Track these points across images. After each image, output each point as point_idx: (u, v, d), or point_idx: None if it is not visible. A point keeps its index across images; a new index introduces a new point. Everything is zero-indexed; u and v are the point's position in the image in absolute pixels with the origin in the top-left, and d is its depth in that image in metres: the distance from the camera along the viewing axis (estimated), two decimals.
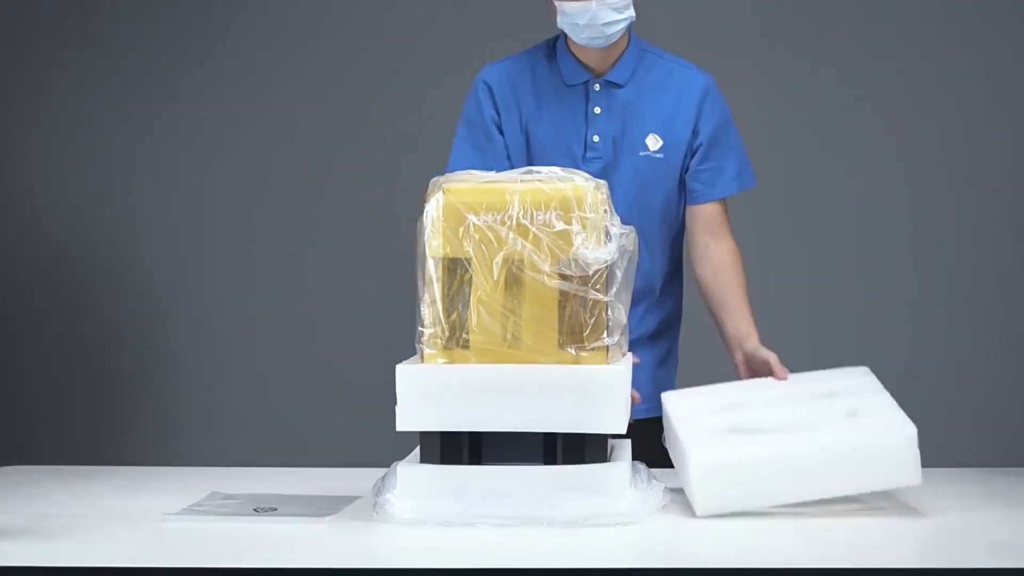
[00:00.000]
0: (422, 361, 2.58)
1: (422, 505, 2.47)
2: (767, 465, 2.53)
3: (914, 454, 2.54)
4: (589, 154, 3.14)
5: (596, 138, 3.14)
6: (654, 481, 2.58)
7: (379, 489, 2.53)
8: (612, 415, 2.50)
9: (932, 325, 5.00)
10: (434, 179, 2.61)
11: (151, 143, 5.16)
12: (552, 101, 3.17)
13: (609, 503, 2.46)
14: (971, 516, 2.57)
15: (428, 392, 2.51)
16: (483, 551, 2.31)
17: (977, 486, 2.89)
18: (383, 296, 4.54)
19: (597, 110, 3.15)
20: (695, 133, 3.18)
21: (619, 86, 3.16)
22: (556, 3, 3.08)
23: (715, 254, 3.24)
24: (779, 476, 2.52)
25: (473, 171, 2.67)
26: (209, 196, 5.15)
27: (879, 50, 5.04)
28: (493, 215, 2.56)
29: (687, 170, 3.20)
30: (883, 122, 5.04)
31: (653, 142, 3.16)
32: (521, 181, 2.57)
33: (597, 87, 3.16)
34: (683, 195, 3.22)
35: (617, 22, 3.07)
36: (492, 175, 2.64)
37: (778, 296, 5.04)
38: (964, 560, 2.28)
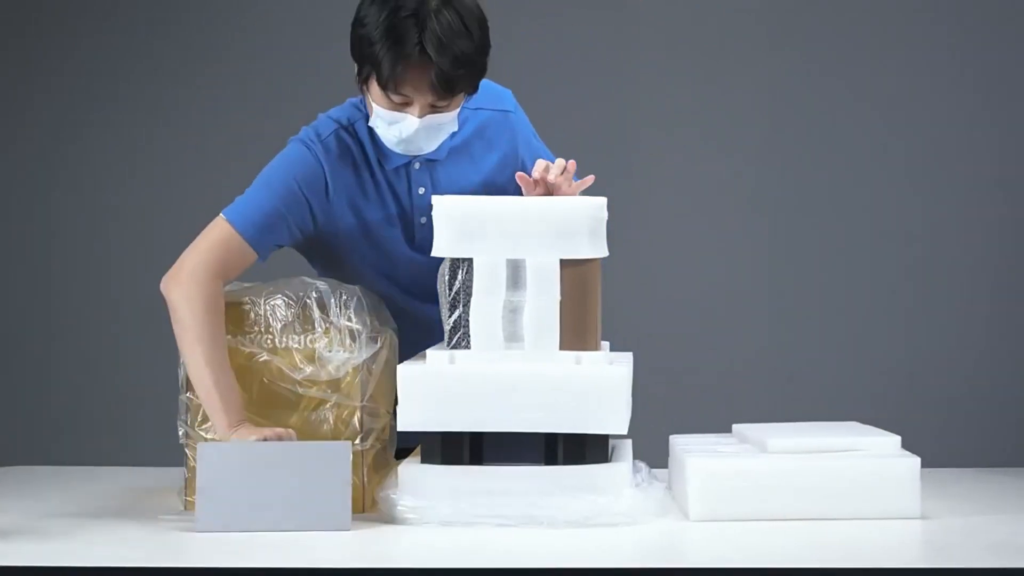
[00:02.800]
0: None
1: (422, 505, 2.47)
2: (765, 478, 2.52)
3: (915, 486, 2.53)
4: (419, 236, 2.86)
5: (423, 220, 2.86)
6: (655, 481, 2.58)
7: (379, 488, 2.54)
8: (613, 415, 2.50)
9: (931, 325, 5.00)
10: None
11: (147, 144, 5.16)
12: (372, 188, 2.86)
13: (610, 503, 2.46)
14: (971, 516, 2.57)
15: (429, 392, 2.52)
16: (483, 551, 2.32)
17: (977, 486, 2.89)
18: None
19: (421, 191, 2.86)
20: (520, 160, 2.93)
21: (437, 160, 2.85)
22: (373, 103, 2.73)
23: None
24: (776, 492, 2.51)
25: (235, 285, 2.69)
26: (207, 196, 5.15)
27: (879, 51, 5.04)
28: (244, 333, 2.64)
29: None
30: (881, 123, 5.03)
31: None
32: (266, 294, 2.65)
33: (417, 166, 2.85)
34: None
35: (442, 134, 2.77)
36: (241, 287, 2.69)
37: (778, 296, 5.04)
38: (964, 560, 2.28)
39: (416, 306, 2.89)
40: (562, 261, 2.58)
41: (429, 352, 2.63)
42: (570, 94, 4.98)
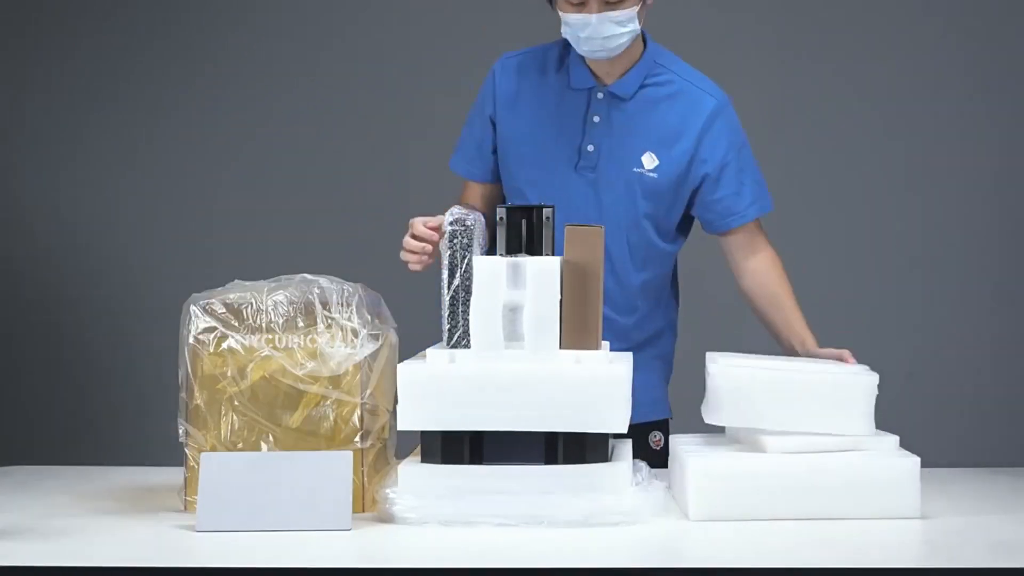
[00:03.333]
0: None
1: (423, 504, 2.47)
2: (765, 479, 2.52)
3: (915, 487, 2.53)
4: (582, 163, 3.08)
5: (591, 148, 3.07)
6: (655, 481, 2.58)
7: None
8: (613, 414, 2.51)
9: (932, 325, 5.00)
10: (193, 296, 2.69)
11: (148, 144, 5.16)
12: (553, 102, 3.11)
13: (610, 503, 2.46)
14: (971, 516, 2.57)
15: (429, 392, 2.52)
16: (483, 551, 2.32)
17: (977, 486, 2.89)
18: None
19: (596, 119, 3.08)
20: (699, 160, 3.09)
21: (623, 99, 3.08)
22: (560, 12, 3.01)
23: (753, 266, 3.20)
24: (776, 492, 2.51)
25: (236, 283, 2.72)
26: (207, 196, 5.15)
27: (879, 51, 5.04)
28: (246, 330, 2.65)
29: (697, 200, 3.13)
30: (884, 123, 5.04)
31: (649, 160, 3.07)
32: (268, 290, 2.67)
33: (600, 96, 3.08)
34: (682, 216, 3.16)
35: (620, 35, 2.99)
36: (243, 285, 2.71)
37: None
38: (964, 560, 2.28)
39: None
40: (563, 260, 2.58)
41: (429, 351, 2.63)
42: None
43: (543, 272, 2.59)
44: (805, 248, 5.06)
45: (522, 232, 2.72)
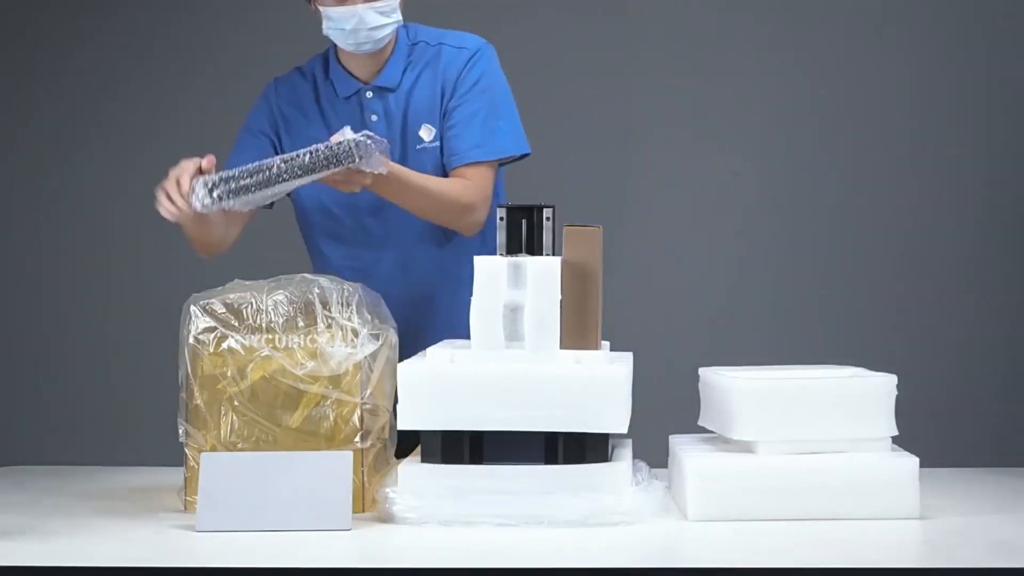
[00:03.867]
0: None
1: (423, 504, 2.47)
2: (764, 479, 2.52)
3: (914, 485, 2.53)
4: None
5: None
6: (655, 480, 2.58)
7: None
8: (613, 414, 2.51)
9: (932, 325, 5.00)
10: (193, 296, 2.68)
11: (147, 144, 5.16)
12: (330, 114, 3.10)
13: (610, 503, 2.46)
14: (971, 516, 2.57)
15: (429, 391, 2.52)
16: (483, 551, 2.32)
17: (977, 486, 2.89)
18: None
19: (374, 118, 3.08)
20: (445, 105, 3.09)
21: (392, 89, 3.09)
22: (321, 8, 3.01)
23: None
24: (775, 492, 2.51)
25: (236, 283, 2.72)
26: None
27: (879, 51, 5.04)
28: (246, 330, 2.65)
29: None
30: (883, 123, 5.03)
31: (427, 133, 3.07)
32: (268, 290, 2.68)
33: (369, 95, 3.09)
34: None
35: (384, 26, 3.01)
36: (243, 284, 2.71)
37: (778, 295, 5.04)
38: (964, 560, 2.28)
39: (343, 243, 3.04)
40: (562, 260, 2.58)
41: (430, 351, 2.63)
42: (571, 94, 4.98)
43: (543, 272, 2.59)
44: (805, 248, 5.07)
45: (522, 232, 2.72)
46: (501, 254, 2.69)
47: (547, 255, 2.67)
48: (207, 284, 2.74)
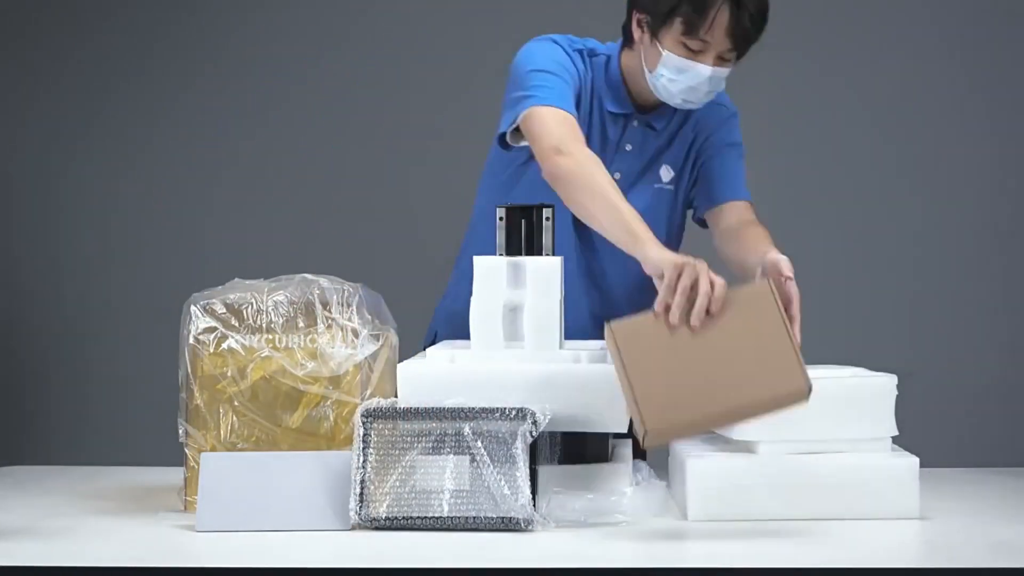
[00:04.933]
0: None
1: None
2: (764, 480, 2.52)
3: (914, 485, 2.53)
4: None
5: (618, 176, 2.98)
6: (655, 481, 2.58)
7: None
8: (613, 415, 2.51)
9: (932, 325, 5.01)
10: (194, 296, 2.67)
11: (147, 144, 5.16)
12: (590, 117, 3.00)
13: (610, 503, 2.46)
14: (971, 516, 2.57)
15: (429, 391, 2.51)
16: (483, 550, 2.32)
17: (977, 486, 2.89)
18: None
19: (628, 147, 3.02)
20: (706, 152, 3.08)
21: (656, 129, 3.03)
22: (661, 51, 2.85)
23: (740, 235, 3.05)
24: (775, 492, 2.51)
25: (236, 282, 2.70)
26: (207, 196, 5.16)
27: (879, 51, 5.04)
28: (246, 331, 2.64)
29: (693, 184, 3.10)
30: (883, 123, 5.04)
31: (665, 173, 3.05)
32: (268, 290, 2.67)
33: (635, 124, 3.02)
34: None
35: (716, 92, 2.92)
36: (244, 284, 2.69)
37: None
38: (964, 560, 2.28)
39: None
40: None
41: (430, 351, 2.64)
42: None
43: (543, 272, 2.59)
44: (805, 248, 5.05)
45: (522, 232, 2.72)
46: (500, 254, 2.69)
47: (547, 255, 2.68)
48: (207, 284, 2.74)
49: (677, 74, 2.85)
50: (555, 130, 2.79)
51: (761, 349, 2.39)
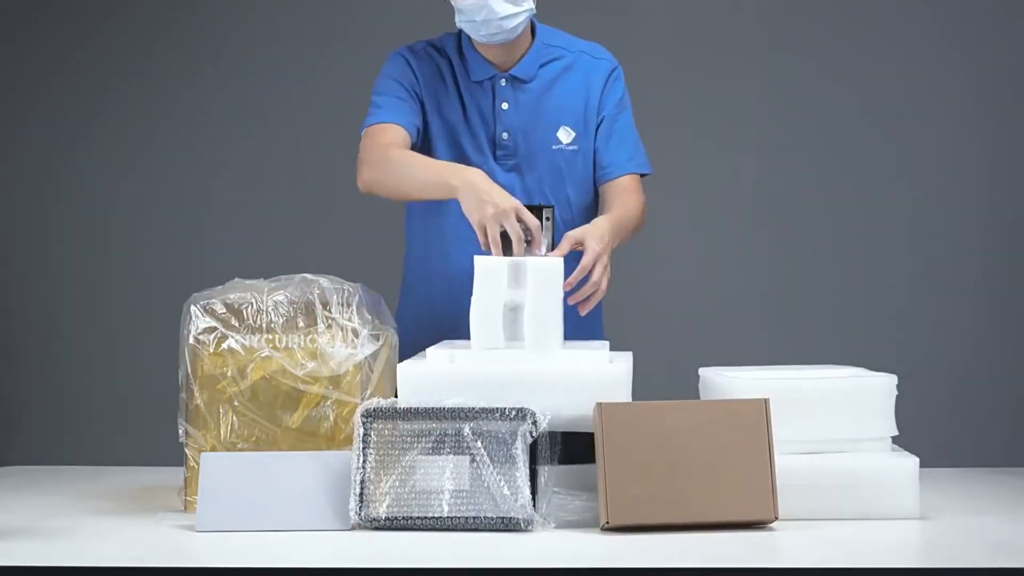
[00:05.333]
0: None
1: None
2: None
3: (914, 485, 2.53)
4: (499, 152, 3.10)
5: (505, 135, 3.09)
6: None
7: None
8: None
9: (931, 325, 5.01)
10: (194, 296, 2.68)
11: (147, 144, 5.16)
12: (460, 96, 3.12)
13: None
14: (971, 516, 2.57)
15: (429, 391, 2.51)
16: (482, 550, 2.31)
17: (977, 486, 2.89)
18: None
19: (505, 106, 3.10)
20: (599, 117, 3.14)
21: (526, 81, 3.11)
22: (451, 1, 3.02)
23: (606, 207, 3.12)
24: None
25: (236, 282, 2.72)
26: (207, 196, 5.16)
27: (879, 50, 5.04)
28: (246, 331, 2.64)
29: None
30: (882, 122, 5.04)
31: (565, 135, 3.10)
32: (268, 291, 2.67)
33: (503, 82, 3.11)
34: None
35: (515, 15, 3.01)
36: (244, 284, 2.70)
37: (777, 295, 5.04)
38: (964, 560, 2.28)
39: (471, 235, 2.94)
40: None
41: (430, 351, 2.63)
42: None
43: (543, 272, 2.59)
44: (805, 248, 5.07)
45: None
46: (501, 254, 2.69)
47: (550, 254, 2.68)
48: (207, 284, 2.74)
49: (469, 15, 2.99)
50: (367, 150, 3.03)
51: (741, 468, 2.41)
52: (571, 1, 5.02)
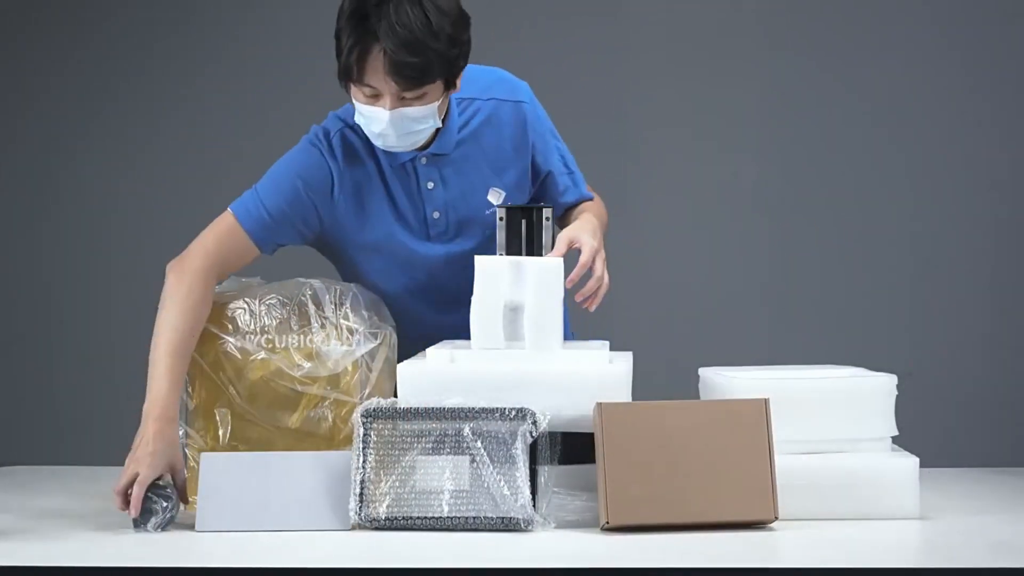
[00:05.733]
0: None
1: None
2: None
3: (914, 485, 2.53)
4: (433, 231, 2.90)
5: (436, 215, 2.89)
6: None
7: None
8: None
9: (931, 325, 5.01)
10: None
11: (146, 144, 5.16)
12: (385, 180, 2.89)
13: None
14: (971, 516, 2.57)
15: (428, 391, 2.51)
16: (482, 550, 2.31)
17: (977, 486, 2.89)
18: None
19: (430, 185, 2.88)
20: (536, 165, 2.98)
21: (447, 155, 2.87)
22: (354, 101, 2.77)
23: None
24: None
25: (232, 280, 2.72)
26: (207, 196, 5.15)
27: (879, 51, 5.04)
28: (240, 334, 2.64)
29: (540, 191, 3.01)
30: (883, 122, 5.04)
31: (495, 196, 2.79)
32: (261, 294, 2.66)
33: (424, 161, 2.87)
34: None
35: (418, 132, 2.77)
36: (240, 284, 2.70)
37: (777, 295, 5.04)
38: (964, 560, 2.28)
39: (425, 310, 2.90)
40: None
41: (429, 351, 2.63)
42: (569, 94, 4.98)
43: (544, 272, 2.59)
44: (805, 248, 5.07)
45: (522, 232, 2.72)
46: (501, 254, 2.69)
47: (547, 255, 2.68)
48: None
49: (368, 122, 2.75)
50: (197, 244, 2.83)
51: (741, 468, 2.41)
52: (570, 1, 5.03)
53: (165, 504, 2.48)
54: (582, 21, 5.03)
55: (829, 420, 2.55)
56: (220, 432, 2.63)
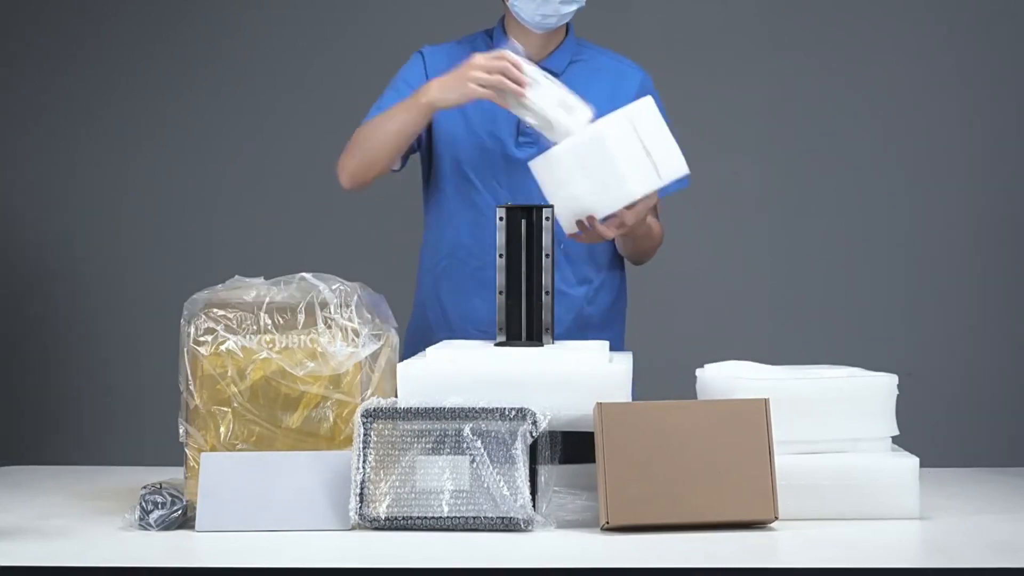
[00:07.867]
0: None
1: None
2: None
3: (914, 486, 2.53)
4: (521, 139, 3.11)
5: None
6: None
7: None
8: None
9: (931, 325, 5.01)
10: (193, 298, 2.67)
11: (146, 144, 5.16)
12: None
13: None
14: (971, 516, 2.58)
15: (429, 391, 2.51)
16: (482, 550, 2.32)
17: (977, 486, 2.89)
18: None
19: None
20: None
21: (556, 73, 3.07)
22: None
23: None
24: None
25: (236, 279, 2.72)
26: (207, 196, 5.16)
27: (879, 50, 5.04)
28: (245, 331, 2.64)
29: None
30: (883, 122, 5.04)
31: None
32: (266, 292, 2.67)
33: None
34: None
35: (571, 2, 3.04)
36: (248, 282, 2.70)
37: (778, 296, 5.05)
38: (964, 560, 2.28)
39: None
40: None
41: (430, 351, 2.64)
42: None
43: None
44: (805, 248, 5.07)
45: (522, 232, 2.72)
46: (500, 255, 2.69)
47: (547, 255, 2.68)
48: (207, 283, 2.74)
49: None
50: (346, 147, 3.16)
51: (741, 468, 2.41)
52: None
53: (174, 504, 2.48)
54: (582, 21, 5.03)
55: (829, 420, 2.55)
56: (221, 431, 2.63)
